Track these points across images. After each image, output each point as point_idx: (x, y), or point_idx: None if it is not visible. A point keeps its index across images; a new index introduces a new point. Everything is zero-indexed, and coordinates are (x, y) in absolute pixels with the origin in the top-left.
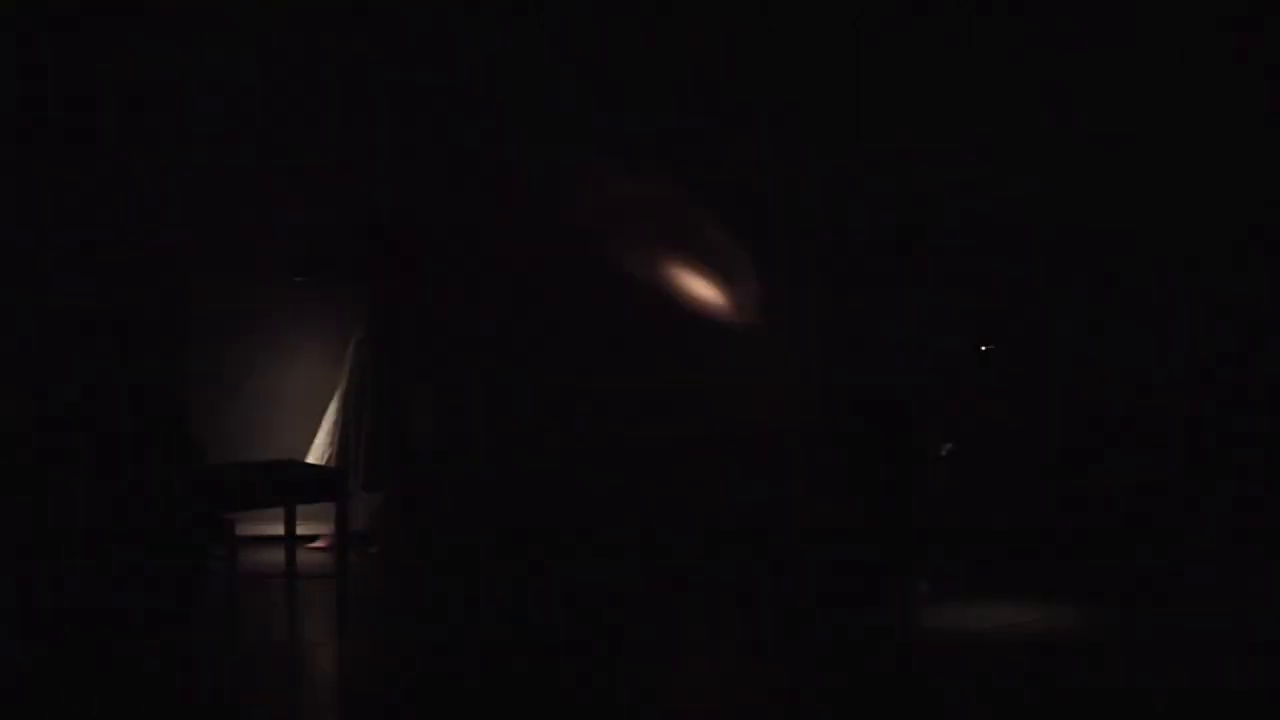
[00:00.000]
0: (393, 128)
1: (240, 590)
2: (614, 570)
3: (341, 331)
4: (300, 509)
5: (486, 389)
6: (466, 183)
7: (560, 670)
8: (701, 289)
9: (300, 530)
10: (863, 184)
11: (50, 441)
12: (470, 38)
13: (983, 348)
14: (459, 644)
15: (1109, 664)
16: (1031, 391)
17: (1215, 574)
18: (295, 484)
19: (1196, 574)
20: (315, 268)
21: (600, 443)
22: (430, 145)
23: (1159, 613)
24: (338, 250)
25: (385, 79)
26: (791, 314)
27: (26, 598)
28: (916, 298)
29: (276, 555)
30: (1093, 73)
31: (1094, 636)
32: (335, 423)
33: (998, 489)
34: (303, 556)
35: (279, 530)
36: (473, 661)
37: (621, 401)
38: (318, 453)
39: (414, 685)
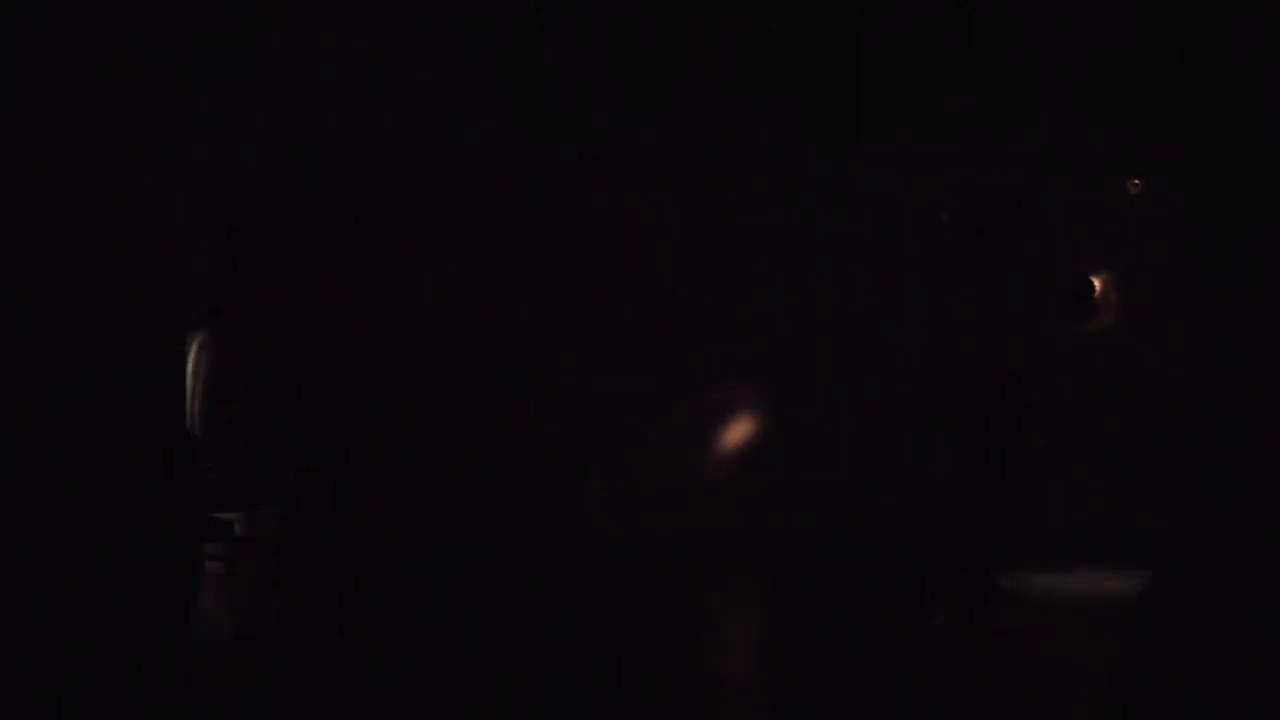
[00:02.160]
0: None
1: (239, 590)
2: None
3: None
4: None
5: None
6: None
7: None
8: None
9: None
10: (937, 171)
11: (50, 442)
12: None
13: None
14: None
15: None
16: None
17: None
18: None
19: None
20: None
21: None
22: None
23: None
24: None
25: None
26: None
27: (27, 596)
28: (1004, 278)
29: None
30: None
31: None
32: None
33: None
34: None
35: None
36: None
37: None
38: None
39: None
